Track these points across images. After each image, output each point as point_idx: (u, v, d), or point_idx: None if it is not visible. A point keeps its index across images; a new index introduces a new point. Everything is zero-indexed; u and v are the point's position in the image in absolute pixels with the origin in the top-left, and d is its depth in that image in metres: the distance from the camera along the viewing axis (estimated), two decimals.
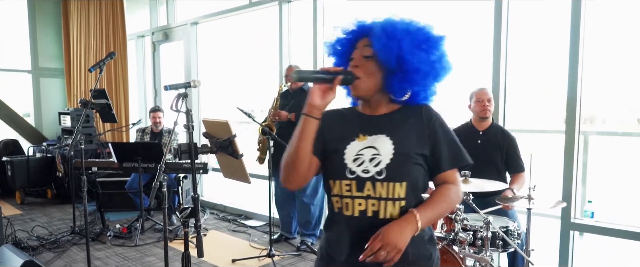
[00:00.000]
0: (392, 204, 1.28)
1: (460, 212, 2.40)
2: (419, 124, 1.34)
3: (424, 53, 1.29)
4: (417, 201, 1.31)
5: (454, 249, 2.43)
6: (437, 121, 1.34)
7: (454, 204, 1.36)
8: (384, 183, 1.27)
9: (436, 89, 1.37)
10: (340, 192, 1.32)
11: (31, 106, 7.40)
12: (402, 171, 1.29)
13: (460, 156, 1.36)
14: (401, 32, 1.28)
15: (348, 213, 1.31)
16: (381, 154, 1.29)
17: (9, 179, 5.91)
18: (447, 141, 1.34)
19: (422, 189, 1.33)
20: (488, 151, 3.03)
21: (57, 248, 4.09)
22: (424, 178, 1.33)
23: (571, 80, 3.00)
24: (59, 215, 5.35)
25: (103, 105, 4.04)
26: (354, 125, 1.38)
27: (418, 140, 1.32)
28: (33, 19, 7.19)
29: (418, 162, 1.31)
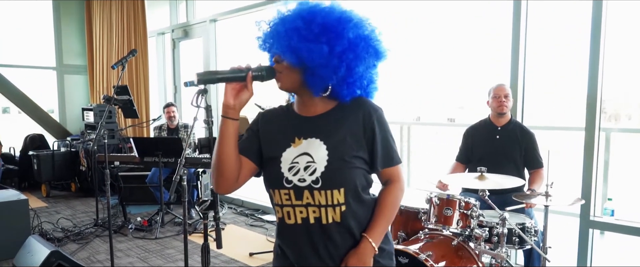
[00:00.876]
0: (332, 210, 1.25)
1: (476, 209, 2.39)
2: (355, 123, 1.28)
3: (323, 46, 1.18)
4: (359, 201, 1.28)
5: (469, 246, 2.43)
6: (376, 120, 1.28)
7: (398, 204, 1.35)
8: (322, 191, 1.23)
9: (368, 79, 1.29)
10: (280, 202, 1.29)
11: (56, 102, 7.60)
12: (338, 178, 1.24)
13: (392, 156, 1.31)
14: (290, 29, 1.19)
15: (291, 222, 1.29)
16: (315, 161, 1.25)
17: (35, 173, 6.10)
18: (382, 140, 1.29)
19: (362, 188, 1.29)
20: (506, 147, 3.02)
21: (80, 240, 4.22)
22: (364, 177, 1.29)
23: (591, 77, 2.96)
24: (82, 208, 5.50)
25: (125, 101, 4.14)
26: (289, 129, 1.32)
27: (354, 142, 1.27)
28: (58, 17, 7.38)
29: (355, 166, 1.26)
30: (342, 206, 1.25)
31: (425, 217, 2.55)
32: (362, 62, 1.23)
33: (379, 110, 1.30)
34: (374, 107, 1.30)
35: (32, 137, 6.77)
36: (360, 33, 1.22)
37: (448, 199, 2.44)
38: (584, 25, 3.00)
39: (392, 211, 1.33)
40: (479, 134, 3.17)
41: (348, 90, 1.26)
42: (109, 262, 3.21)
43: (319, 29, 1.18)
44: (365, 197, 1.31)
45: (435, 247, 2.42)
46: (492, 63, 3.66)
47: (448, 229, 2.45)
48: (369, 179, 1.32)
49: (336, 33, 1.19)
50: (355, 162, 1.26)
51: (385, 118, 1.31)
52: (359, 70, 1.23)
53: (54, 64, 7.46)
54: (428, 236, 2.56)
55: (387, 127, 1.31)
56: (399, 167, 1.34)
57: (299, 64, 1.20)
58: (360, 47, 1.22)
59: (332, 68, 1.20)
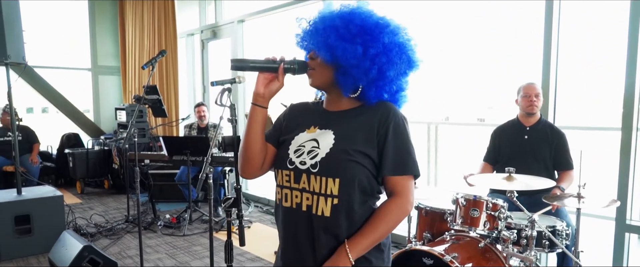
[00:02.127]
0: (324, 200, 1.23)
1: (504, 210, 2.33)
2: (371, 123, 1.26)
3: (358, 46, 1.20)
4: (354, 201, 1.23)
5: (497, 248, 2.37)
6: (392, 123, 1.25)
7: (396, 222, 1.26)
8: (318, 177, 1.23)
9: (398, 86, 1.29)
10: (281, 183, 1.30)
11: (90, 102, 7.86)
12: (336, 167, 1.22)
13: (405, 164, 1.25)
14: (328, 27, 1.22)
15: (286, 205, 1.29)
16: (320, 147, 1.26)
17: (71, 170, 6.32)
18: (396, 145, 1.24)
19: (362, 189, 1.24)
20: (535, 147, 2.94)
21: (112, 235, 4.35)
22: (366, 179, 1.24)
23: (629, 75, 2.84)
24: (114, 205, 5.67)
25: (154, 100, 4.24)
26: (310, 119, 1.35)
27: (365, 139, 1.25)
28: (93, 20, 7.63)
29: (356, 160, 1.22)
30: (334, 199, 1.22)
31: (452, 218, 2.51)
32: (394, 68, 1.24)
33: (399, 115, 1.27)
34: (394, 111, 1.27)
35: (68, 136, 7.02)
36: (395, 39, 1.24)
37: (475, 200, 2.38)
38: (620, 22, 2.88)
39: (384, 226, 1.24)
40: (507, 134, 3.09)
41: (376, 92, 1.27)
42: (139, 257, 3.29)
43: (356, 30, 1.20)
44: (363, 201, 1.25)
45: (461, 249, 2.37)
46: (523, 62, 3.56)
47: (475, 230, 2.40)
48: (372, 183, 1.26)
49: (372, 36, 1.21)
50: (358, 156, 1.23)
51: (406, 126, 1.27)
52: (389, 74, 1.24)
53: (89, 66, 7.72)
54: (454, 238, 2.51)
55: (405, 134, 1.26)
56: (409, 179, 1.26)
57: (332, 61, 1.23)
58: (394, 52, 1.23)
59: (364, 69, 1.21)
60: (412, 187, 1.27)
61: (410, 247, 2.34)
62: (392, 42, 1.23)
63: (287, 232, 1.32)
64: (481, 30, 4.95)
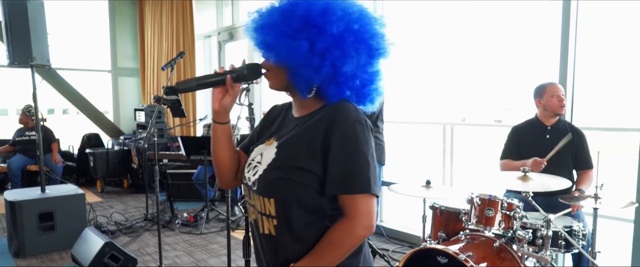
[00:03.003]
0: (267, 220, 1.13)
1: (519, 210, 2.33)
2: (316, 131, 1.08)
3: (303, 42, 1.04)
4: (294, 223, 1.10)
5: (512, 248, 2.37)
6: (337, 131, 1.05)
7: (346, 247, 1.07)
8: (258, 196, 1.13)
9: (363, 80, 1.10)
10: (244, 192, 1.24)
11: (110, 103, 8.03)
12: (269, 187, 1.11)
13: (351, 180, 1.05)
14: (266, 25, 1.08)
15: (250, 219, 1.23)
16: (262, 163, 1.14)
17: (91, 170, 6.47)
18: (341, 158, 1.05)
19: (306, 209, 1.09)
20: (556, 146, 2.92)
21: (132, 233, 4.45)
22: (310, 198, 1.08)
23: None
24: (133, 203, 5.78)
25: (173, 101, 4.33)
26: (276, 127, 1.24)
27: (307, 152, 1.08)
28: (113, 22, 7.79)
29: (293, 178, 1.07)
30: (273, 220, 1.12)
31: (466, 217, 2.51)
32: (351, 61, 1.06)
33: (349, 121, 1.06)
34: (344, 116, 1.07)
35: (89, 136, 7.19)
36: (349, 27, 1.06)
37: (490, 200, 2.39)
38: (637, 24, 2.85)
39: (333, 251, 1.07)
40: (527, 133, 3.07)
41: (336, 90, 1.10)
42: (157, 254, 3.36)
43: (298, 23, 1.04)
44: (309, 222, 1.10)
45: (476, 249, 2.37)
46: (540, 63, 3.54)
47: (489, 230, 2.40)
48: (321, 201, 1.09)
49: (318, 28, 1.04)
50: (295, 174, 1.07)
51: (357, 133, 1.06)
52: (347, 69, 1.06)
53: (109, 68, 7.89)
54: (469, 237, 2.52)
55: (354, 144, 1.05)
56: (362, 198, 1.06)
57: (279, 62, 1.09)
58: (348, 43, 1.05)
59: (314, 67, 1.05)
60: (366, 207, 1.06)
61: (424, 245, 2.36)
62: (345, 31, 1.05)
63: (253, 244, 1.26)
64: (499, 31, 4.93)
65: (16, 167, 5.78)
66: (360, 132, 1.06)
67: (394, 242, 4.18)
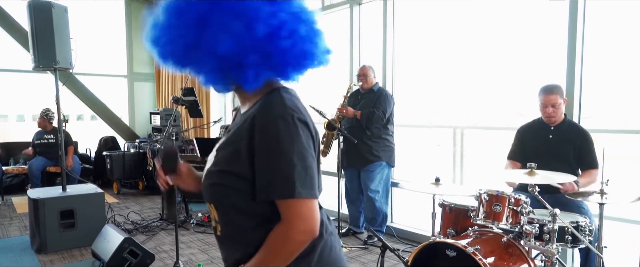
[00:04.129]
0: (216, 224, 1.11)
1: (526, 205, 2.40)
2: (242, 130, 1.01)
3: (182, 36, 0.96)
4: (235, 227, 1.05)
5: (520, 243, 2.43)
6: (256, 128, 0.97)
7: (285, 252, 1.00)
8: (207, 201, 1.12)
9: (259, 56, 0.94)
10: None
11: (126, 107, 8.22)
12: (207, 192, 1.07)
13: (274, 182, 0.95)
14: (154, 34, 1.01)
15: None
16: (205, 168, 1.11)
17: (108, 172, 6.63)
18: (262, 158, 0.96)
19: (246, 213, 1.03)
20: (560, 146, 2.98)
21: (148, 232, 4.57)
22: (244, 202, 1.01)
23: None
24: (149, 204, 5.92)
25: (191, 101, 4.46)
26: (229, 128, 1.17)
27: (234, 153, 1.01)
28: (129, 27, 8.00)
29: (226, 183, 1.02)
30: (218, 224, 1.10)
31: (475, 213, 2.58)
32: (226, 36, 0.93)
33: (272, 116, 0.96)
34: (266, 111, 0.98)
35: (106, 139, 7.37)
36: (206, 6, 0.93)
37: (497, 196, 2.46)
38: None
39: (271, 257, 1.00)
40: (531, 133, 3.14)
41: (240, 77, 0.97)
42: (174, 251, 3.47)
43: (174, 19, 0.97)
44: (253, 225, 1.03)
45: (484, 243, 2.44)
46: (549, 68, 3.61)
47: (497, 225, 2.47)
48: (257, 205, 1.01)
49: (183, 13, 0.95)
50: (227, 178, 1.02)
51: (280, 130, 0.95)
52: (226, 48, 0.93)
53: (125, 73, 8.08)
54: (478, 233, 2.59)
55: (276, 143, 0.95)
56: (291, 203, 0.97)
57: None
58: (214, 21, 0.93)
59: (196, 59, 0.97)
60: (300, 212, 0.97)
61: (433, 239, 2.43)
62: (207, 11, 0.93)
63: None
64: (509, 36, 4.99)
65: (36, 168, 5.96)
66: (282, 129, 0.95)
67: (405, 242, 4.24)
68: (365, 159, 4.08)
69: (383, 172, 4.14)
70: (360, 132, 4.05)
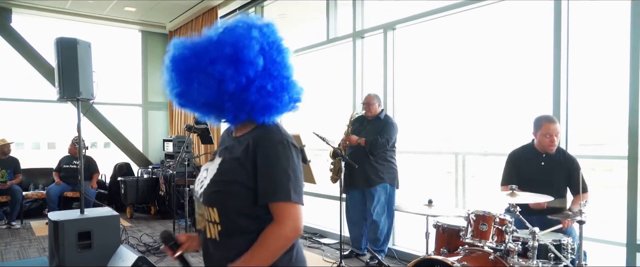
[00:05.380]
0: (213, 226, 1.31)
1: (511, 225, 2.58)
2: (244, 150, 1.29)
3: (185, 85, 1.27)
4: (237, 227, 1.28)
5: (507, 261, 2.60)
6: (261, 150, 1.26)
7: (276, 248, 1.26)
8: (204, 206, 1.32)
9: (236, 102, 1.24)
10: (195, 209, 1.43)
11: (140, 135, 8.55)
12: (212, 197, 1.30)
13: (275, 190, 1.24)
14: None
15: (198, 227, 1.40)
16: (207, 178, 1.34)
17: (122, 196, 6.89)
18: (266, 170, 1.25)
19: (244, 215, 1.28)
20: (552, 173, 3.15)
21: (159, 253, 4.77)
22: (246, 205, 1.27)
23: (632, 112, 3.06)
24: (160, 228, 6.14)
25: (203, 129, 4.73)
26: (221, 147, 1.44)
27: (239, 168, 1.28)
28: (145, 58, 8.41)
29: (231, 190, 1.27)
30: (218, 226, 1.30)
31: (464, 232, 2.76)
32: (204, 89, 1.24)
33: (271, 141, 1.27)
34: (265, 137, 1.28)
35: (120, 166, 7.67)
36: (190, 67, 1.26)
37: (484, 215, 2.65)
38: (623, 51, 3.13)
39: (264, 252, 1.25)
40: (524, 159, 3.29)
41: (223, 117, 1.31)
42: None
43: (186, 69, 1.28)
44: (248, 226, 1.28)
45: (473, 260, 2.62)
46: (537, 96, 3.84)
47: (485, 243, 2.65)
48: (256, 208, 1.27)
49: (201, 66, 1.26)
50: (232, 186, 1.27)
51: (278, 151, 1.26)
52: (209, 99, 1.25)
53: (140, 102, 8.46)
54: (468, 251, 2.76)
55: (276, 160, 1.25)
56: (285, 205, 1.25)
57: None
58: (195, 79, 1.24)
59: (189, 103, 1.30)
60: (291, 213, 1.25)
61: (424, 256, 2.62)
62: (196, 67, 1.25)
63: (203, 250, 1.41)
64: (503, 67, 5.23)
65: (54, 193, 6.24)
66: (281, 152, 1.26)
67: (405, 262, 4.38)
68: (370, 180, 4.27)
69: (386, 193, 4.33)
70: (363, 155, 4.26)
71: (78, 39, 4.29)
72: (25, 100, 8.24)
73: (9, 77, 7.99)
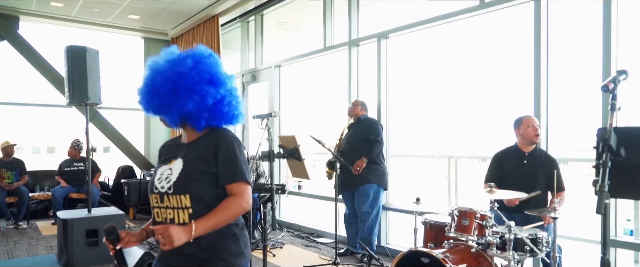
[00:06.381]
0: (182, 212, 1.59)
1: (490, 220, 2.81)
2: (206, 148, 1.64)
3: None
4: (205, 207, 1.59)
5: (487, 253, 2.83)
6: (221, 145, 1.63)
7: (233, 214, 1.62)
8: (173, 196, 1.60)
9: (209, 110, 1.63)
10: (152, 204, 1.69)
11: (142, 138, 8.77)
12: (184, 186, 1.60)
13: (235, 173, 1.62)
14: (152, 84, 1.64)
15: (159, 220, 1.65)
16: (172, 173, 1.63)
17: (125, 198, 7.10)
18: (226, 161, 1.62)
19: (210, 198, 1.61)
20: (534, 171, 3.38)
21: None
22: (211, 189, 1.62)
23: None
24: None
25: None
26: (172, 153, 1.73)
27: (203, 162, 1.62)
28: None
29: (200, 178, 1.61)
30: (188, 209, 1.59)
31: (448, 228, 2.99)
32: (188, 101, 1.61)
33: (227, 138, 1.66)
34: (222, 136, 1.66)
35: (123, 168, 7.88)
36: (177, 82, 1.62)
37: (465, 211, 2.87)
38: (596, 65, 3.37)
39: (222, 213, 1.59)
40: (508, 159, 3.52)
41: (195, 124, 1.66)
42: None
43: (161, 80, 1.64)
44: (212, 206, 1.61)
45: (456, 253, 2.84)
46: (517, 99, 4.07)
47: (467, 237, 2.87)
48: (218, 191, 1.63)
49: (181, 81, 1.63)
50: (200, 176, 1.62)
51: (234, 144, 1.65)
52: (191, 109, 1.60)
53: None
54: (452, 245, 2.99)
55: (233, 150, 1.64)
56: (242, 184, 1.63)
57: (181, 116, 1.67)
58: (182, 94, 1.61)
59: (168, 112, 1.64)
60: (246, 190, 1.65)
61: (410, 249, 2.84)
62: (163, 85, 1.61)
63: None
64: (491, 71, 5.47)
65: (59, 195, 6.45)
66: (235, 146, 1.66)
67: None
68: (358, 181, 4.57)
69: (374, 194, 4.57)
70: (353, 160, 4.51)
71: (87, 46, 4.52)
72: (33, 105, 8.47)
73: (17, 83, 8.21)
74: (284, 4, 6.46)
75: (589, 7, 3.67)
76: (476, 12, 4.19)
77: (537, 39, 3.70)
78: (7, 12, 7.13)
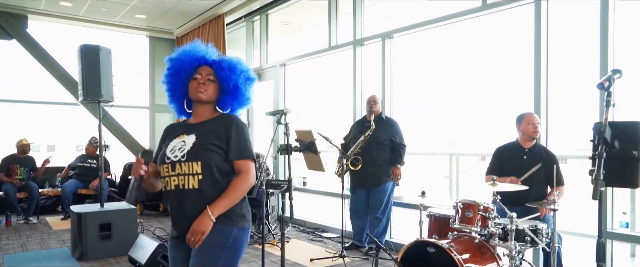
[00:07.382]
0: (192, 178, 1.81)
1: (493, 212, 2.95)
2: (220, 127, 1.89)
3: (247, 85, 1.99)
4: (212, 176, 1.82)
5: (490, 244, 2.97)
6: (233, 126, 1.89)
7: (243, 191, 1.87)
8: (186, 163, 1.81)
9: (240, 107, 2.03)
10: (162, 174, 1.88)
11: (147, 136, 8.90)
12: (197, 154, 1.82)
13: (244, 151, 1.88)
14: (239, 70, 1.94)
15: (169, 188, 1.86)
16: (186, 144, 1.85)
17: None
18: (237, 139, 1.87)
19: (218, 168, 1.84)
20: (532, 166, 3.51)
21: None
22: (220, 161, 1.85)
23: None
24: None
25: None
26: (180, 131, 1.96)
27: (216, 137, 1.87)
28: (153, 62, 8.77)
29: (211, 149, 1.84)
30: (199, 175, 1.81)
31: (453, 220, 3.13)
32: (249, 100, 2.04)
33: (239, 122, 1.94)
34: (235, 120, 1.93)
35: (130, 165, 8.01)
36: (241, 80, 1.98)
37: (469, 204, 3.01)
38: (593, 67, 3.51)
39: (235, 192, 1.84)
40: (509, 154, 3.68)
41: (236, 109, 2.03)
42: None
43: (247, 76, 1.99)
44: (220, 177, 1.85)
45: (460, 243, 2.98)
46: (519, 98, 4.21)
47: (471, 228, 3.01)
48: (225, 164, 1.87)
49: (250, 82, 2.01)
50: (212, 147, 1.85)
51: (244, 128, 1.93)
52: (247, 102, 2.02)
53: (148, 105, 8.81)
54: (456, 236, 3.13)
55: (243, 132, 1.91)
56: (248, 162, 1.89)
57: (228, 90, 1.97)
58: (250, 92, 2.03)
59: (245, 98, 2.02)
60: (252, 167, 1.91)
61: (417, 239, 2.98)
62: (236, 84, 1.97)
63: (173, 207, 1.88)
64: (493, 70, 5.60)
65: (69, 190, 6.58)
66: (245, 128, 1.94)
67: None
68: (379, 180, 4.65)
69: (390, 191, 4.71)
70: (369, 158, 4.62)
71: (100, 46, 4.65)
72: (43, 102, 8.59)
73: (26, 82, 8.33)
74: (289, 3, 6.59)
75: (588, 7, 3.80)
76: (479, 12, 4.32)
77: (537, 40, 3.84)
78: (16, 11, 7.25)
